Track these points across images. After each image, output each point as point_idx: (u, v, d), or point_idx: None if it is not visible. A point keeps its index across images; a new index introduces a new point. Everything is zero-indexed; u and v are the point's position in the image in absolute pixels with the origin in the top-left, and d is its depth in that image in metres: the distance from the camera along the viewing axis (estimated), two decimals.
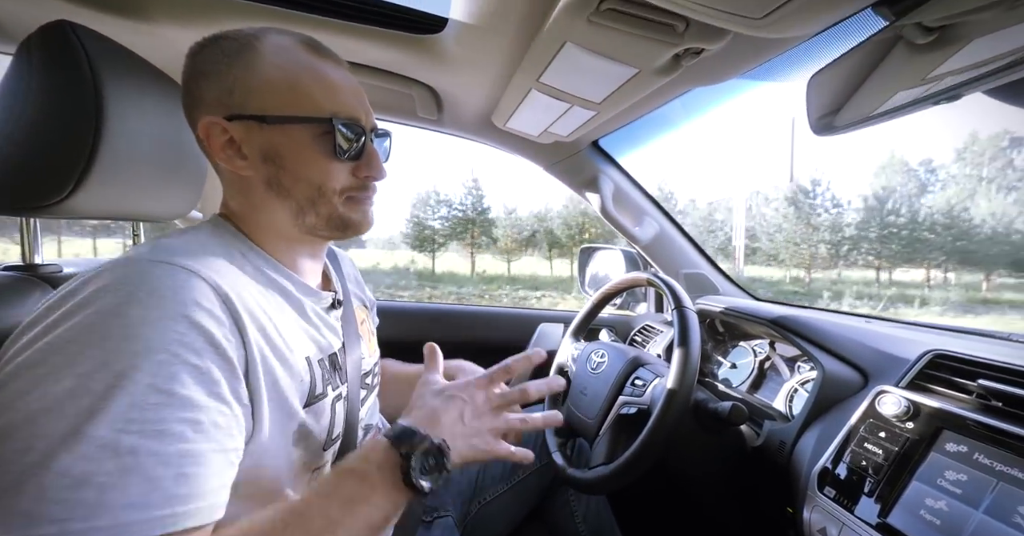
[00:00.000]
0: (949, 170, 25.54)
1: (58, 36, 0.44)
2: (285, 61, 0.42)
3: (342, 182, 0.45)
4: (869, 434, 0.50)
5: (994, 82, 0.36)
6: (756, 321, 0.85)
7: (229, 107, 0.41)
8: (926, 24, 0.41)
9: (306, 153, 0.42)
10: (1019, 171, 24.20)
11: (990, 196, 22.28)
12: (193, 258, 0.37)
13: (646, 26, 0.48)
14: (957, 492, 0.40)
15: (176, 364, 0.32)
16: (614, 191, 1.14)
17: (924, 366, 0.54)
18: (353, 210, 0.47)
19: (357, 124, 0.44)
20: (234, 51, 0.42)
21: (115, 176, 0.48)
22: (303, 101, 0.42)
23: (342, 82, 0.44)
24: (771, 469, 0.64)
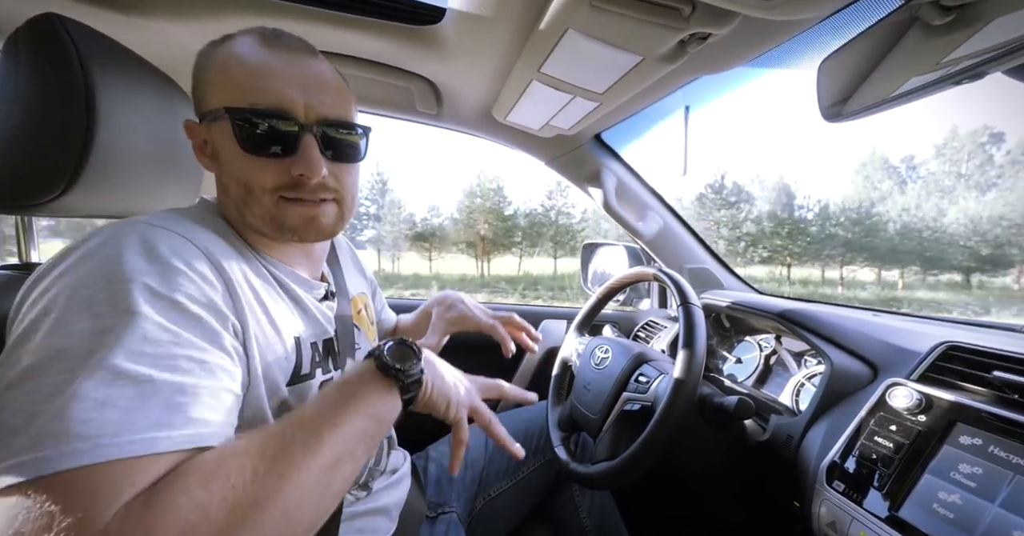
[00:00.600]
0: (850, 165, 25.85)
1: (46, 30, 0.43)
2: (231, 56, 0.41)
3: (272, 180, 0.41)
4: (879, 427, 0.49)
5: (1017, 60, 0.35)
6: (762, 315, 0.84)
7: (198, 107, 0.44)
8: (944, 3, 0.39)
9: (229, 148, 0.41)
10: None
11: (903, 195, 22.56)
12: (187, 230, 0.39)
13: (651, 10, 0.46)
14: (971, 486, 0.39)
15: (179, 310, 0.34)
16: (617, 185, 1.12)
17: (937, 358, 0.52)
18: (288, 214, 0.43)
19: (283, 115, 0.40)
20: (206, 53, 0.43)
21: (109, 173, 0.48)
22: (227, 93, 0.40)
23: (277, 69, 0.40)
24: (778, 463, 0.63)
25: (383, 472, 0.61)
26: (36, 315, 0.32)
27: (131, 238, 0.35)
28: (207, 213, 0.45)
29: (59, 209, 0.47)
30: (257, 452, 0.32)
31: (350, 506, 0.53)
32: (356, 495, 0.55)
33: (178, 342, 0.33)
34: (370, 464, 0.58)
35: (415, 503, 0.67)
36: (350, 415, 0.36)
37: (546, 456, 0.85)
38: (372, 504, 0.57)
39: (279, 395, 0.42)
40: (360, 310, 0.63)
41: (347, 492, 0.53)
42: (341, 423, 0.36)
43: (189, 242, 0.38)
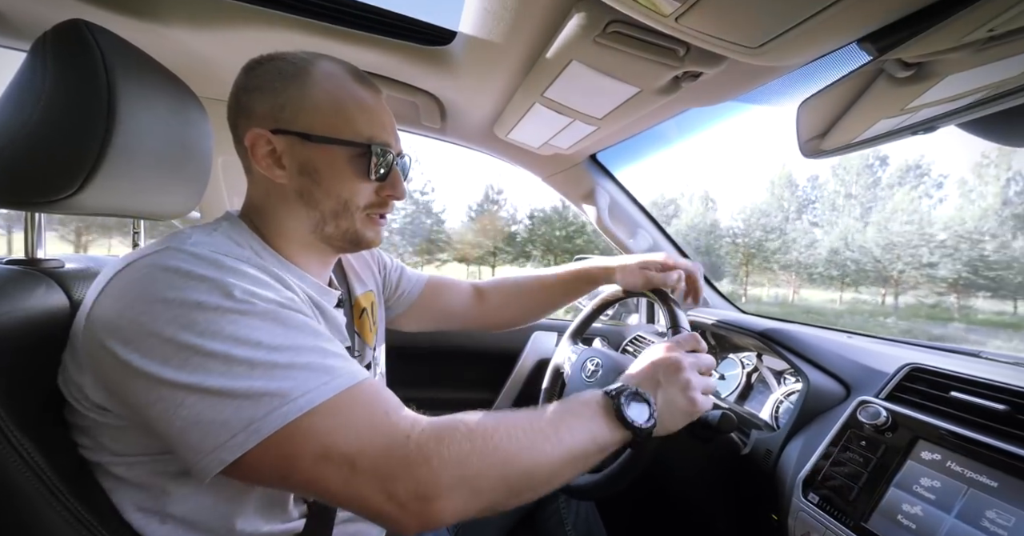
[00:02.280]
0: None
1: (73, 34, 0.44)
2: (334, 87, 0.46)
3: (367, 199, 0.49)
4: (850, 443, 0.53)
5: (967, 117, 0.40)
6: (745, 334, 0.88)
7: (277, 122, 0.45)
8: (905, 59, 0.45)
9: (341, 171, 0.47)
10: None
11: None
12: (224, 254, 0.41)
13: (649, 49, 0.50)
14: (931, 498, 0.43)
15: (288, 311, 0.39)
16: (610, 204, 1.17)
17: (902, 379, 0.56)
18: (369, 227, 0.50)
19: (389, 149, 0.48)
20: (290, 72, 0.45)
21: (123, 174, 0.48)
22: (345, 125, 0.46)
23: (380, 110, 0.49)
24: (757, 477, 0.66)
25: None
26: (159, 326, 0.35)
27: (190, 263, 0.38)
28: (233, 231, 0.47)
29: (71, 207, 0.47)
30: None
31: (344, 511, 0.54)
32: None
33: (306, 324, 0.39)
34: None
35: None
36: (581, 435, 0.43)
37: None
38: None
39: None
40: (363, 311, 0.64)
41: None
42: (572, 440, 0.42)
43: (242, 262, 0.41)
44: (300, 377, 0.35)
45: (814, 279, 25.51)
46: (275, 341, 0.36)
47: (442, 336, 1.23)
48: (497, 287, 0.83)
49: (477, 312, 0.81)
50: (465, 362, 1.25)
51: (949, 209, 26.27)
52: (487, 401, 1.25)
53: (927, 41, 0.37)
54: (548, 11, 0.52)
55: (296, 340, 0.37)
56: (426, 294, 0.77)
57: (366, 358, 0.62)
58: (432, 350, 1.21)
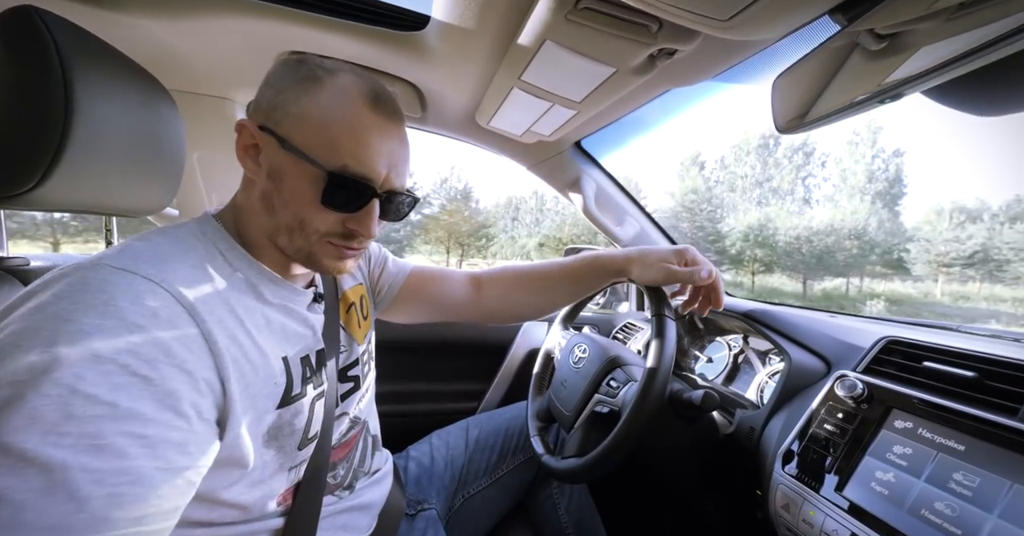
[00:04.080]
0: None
1: (23, 22, 0.42)
2: (335, 104, 0.42)
3: (327, 226, 0.44)
4: (828, 416, 0.53)
5: (932, 81, 0.40)
6: (730, 315, 0.89)
7: (267, 119, 0.43)
8: (878, 31, 0.44)
9: (302, 189, 0.43)
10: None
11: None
12: (159, 266, 0.37)
13: (622, 26, 0.50)
14: (903, 465, 0.44)
15: (124, 375, 0.30)
16: (596, 191, 1.16)
17: (879, 352, 0.57)
18: (327, 254, 0.46)
19: (365, 183, 0.43)
20: (301, 76, 0.43)
21: (86, 167, 0.47)
22: (323, 145, 0.42)
23: (376, 141, 0.43)
24: (742, 454, 0.67)
25: (366, 473, 0.61)
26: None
27: (87, 289, 0.33)
28: (197, 233, 0.44)
29: (33, 202, 0.46)
30: None
31: (332, 504, 0.53)
32: (339, 495, 0.55)
33: (113, 415, 0.29)
34: (354, 465, 0.59)
35: (395, 501, 0.68)
36: None
37: (526, 455, 0.86)
38: (353, 501, 0.57)
39: (267, 420, 0.42)
40: (351, 306, 0.63)
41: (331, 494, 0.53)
42: None
43: (157, 286, 0.35)
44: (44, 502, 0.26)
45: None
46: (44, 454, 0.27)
47: (433, 328, 1.24)
48: (496, 277, 0.78)
49: (472, 303, 0.77)
50: (456, 354, 1.25)
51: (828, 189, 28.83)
52: (479, 392, 1.25)
53: (894, 8, 0.37)
54: None
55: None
56: (409, 285, 0.73)
57: (354, 354, 0.61)
58: (423, 342, 1.21)
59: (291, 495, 0.48)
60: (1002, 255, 27.52)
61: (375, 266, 0.72)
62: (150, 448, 0.30)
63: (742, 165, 32.06)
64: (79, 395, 0.29)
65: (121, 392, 0.30)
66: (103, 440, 0.29)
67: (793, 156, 30.57)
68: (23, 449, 0.26)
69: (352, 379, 0.61)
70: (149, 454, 0.30)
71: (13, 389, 0.28)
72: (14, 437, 0.26)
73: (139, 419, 0.30)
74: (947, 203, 29.89)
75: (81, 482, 0.27)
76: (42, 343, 0.29)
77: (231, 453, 0.39)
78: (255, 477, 0.43)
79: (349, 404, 0.59)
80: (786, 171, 30.35)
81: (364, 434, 0.63)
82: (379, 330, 0.86)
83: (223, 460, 0.38)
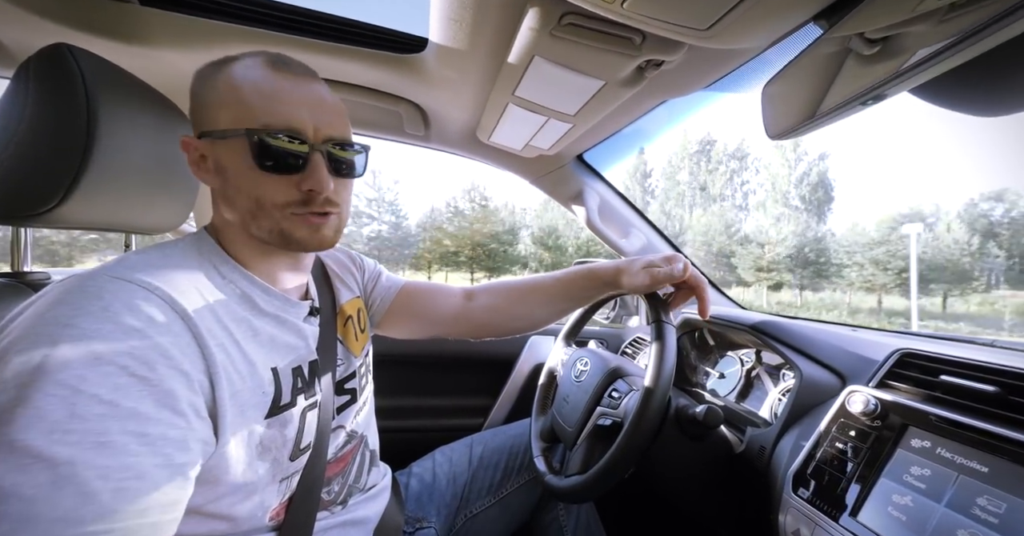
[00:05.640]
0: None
1: (55, 57, 0.46)
2: (239, 78, 0.42)
3: (284, 196, 0.43)
4: (840, 434, 0.50)
5: (914, 80, 0.39)
6: (738, 327, 0.86)
7: (199, 125, 0.45)
8: (868, 36, 0.44)
9: (241, 166, 0.42)
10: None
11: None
12: (153, 275, 0.38)
13: (606, 39, 0.51)
14: (921, 487, 0.40)
15: (124, 375, 0.32)
16: (600, 204, 1.16)
17: (893, 365, 0.54)
18: (297, 226, 0.45)
19: (295, 135, 0.42)
20: (208, 73, 0.44)
21: (104, 187, 0.50)
22: (239, 115, 0.42)
23: (287, 91, 0.43)
24: (752, 475, 0.63)
25: (361, 489, 0.60)
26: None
27: (85, 295, 0.34)
28: (192, 247, 0.46)
29: (54, 220, 0.49)
30: None
31: (324, 519, 0.53)
32: (332, 510, 0.54)
33: (115, 414, 0.30)
34: (350, 481, 0.58)
35: (392, 517, 0.66)
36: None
37: (530, 474, 0.84)
38: (346, 516, 0.56)
39: (257, 430, 0.42)
40: (348, 319, 0.63)
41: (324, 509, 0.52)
42: None
43: (151, 294, 0.36)
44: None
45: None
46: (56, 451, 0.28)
47: (439, 343, 1.23)
48: (487, 290, 0.78)
49: (463, 316, 0.75)
50: (462, 368, 1.24)
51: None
52: (485, 408, 1.23)
53: (874, 12, 0.37)
54: (504, 10, 0.53)
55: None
56: (400, 300, 0.73)
57: (351, 367, 0.61)
58: (429, 357, 1.21)
59: (284, 510, 0.47)
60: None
61: (369, 280, 0.73)
62: (150, 446, 0.32)
63: (681, 171, 32.73)
64: (82, 395, 0.30)
65: (121, 392, 0.31)
66: (106, 438, 0.30)
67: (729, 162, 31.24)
68: (30, 446, 0.27)
69: (349, 391, 0.60)
70: (149, 451, 0.31)
71: (18, 390, 0.29)
72: (21, 435, 0.28)
73: (139, 418, 0.31)
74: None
75: (88, 477, 0.28)
76: (45, 346, 0.30)
77: (222, 462, 0.39)
78: (247, 489, 0.42)
79: (346, 417, 0.59)
80: (720, 175, 30.85)
81: (362, 449, 0.62)
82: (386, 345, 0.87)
83: (214, 470, 0.39)
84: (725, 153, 32.75)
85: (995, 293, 26.56)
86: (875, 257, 24.65)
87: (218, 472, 0.39)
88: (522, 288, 0.76)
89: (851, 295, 26.27)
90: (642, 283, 0.66)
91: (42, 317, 0.33)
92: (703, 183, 31.97)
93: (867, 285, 25.25)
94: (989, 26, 0.30)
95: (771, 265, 26.51)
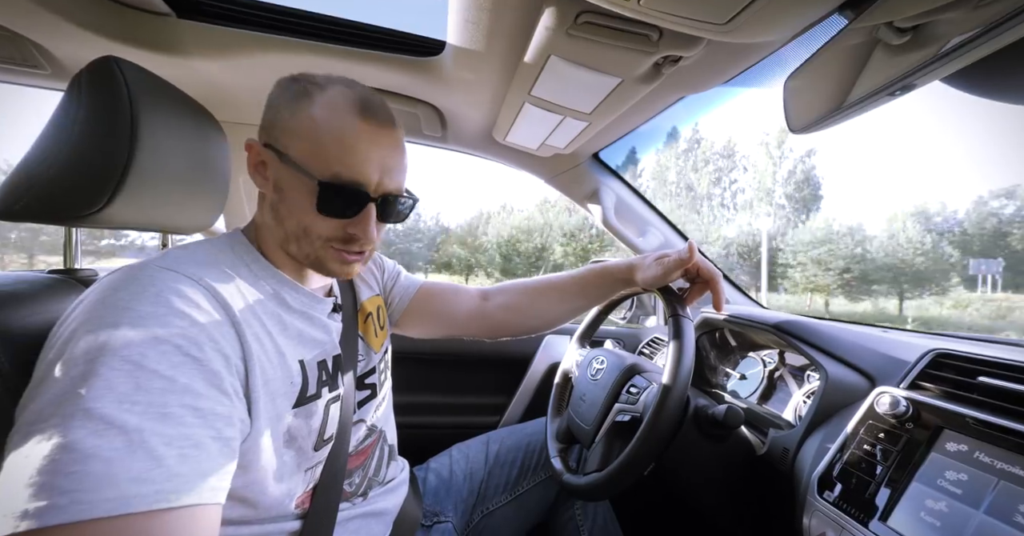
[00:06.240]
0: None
1: (104, 69, 0.50)
2: (325, 116, 0.44)
3: (329, 232, 0.47)
4: (869, 436, 0.48)
5: (945, 71, 0.37)
6: (760, 327, 0.84)
7: (268, 136, 0.47)
8: (898, 25, 0.42)
9: (301, 198, 0.46)
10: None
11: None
12: (196, 268, 0.41)
13: (622, 36, 0.51)
14: (957, 492, 0.38)
15: (179, 354, 0.35)
16: (616, 202, 1.15)
17: (926, 366, 0.52)
18: (332, 259, 0.48)
19: (358, 189, 0.45)
20: (294, 93, 0.46)
21: (145, 190, 0.53)
22: (315, 155, 0.44)
23: (364, 146, 0.45)
24: (775, 477, 0.62)
25: (380, 482, 0.62)
26: (52, 355, 0.34)
27: (139, 283, 0.37)
28: (227, 246, 0.49)
29: (101, 221, 0.52)
30: None
31: (346, 510, 0.54)
32: (353, 502, 0.56)
33: (172, 389, 0.33)
34: (370, 474, 0.60)
35: (410, 510, 0.67)
36: None
37: (547, 472, 0.84)
38: (366, 508, 0.58)
39: (285, 419, 0.45)
40: (369, 316, 0.65)
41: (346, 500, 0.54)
42: None
43: (196, 283, 0.39)
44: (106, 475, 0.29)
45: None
46: (126, 418, 0.31)
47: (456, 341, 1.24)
48: (501, 290, 0.79)
49: (479, 315, 0.77)
50: (478, 367, 1.25)
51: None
52: (501, 406, 1.24)
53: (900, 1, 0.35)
54: (520, 11, 0.53)
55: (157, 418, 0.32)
56: (418, 300, 0.75)
57: (372, 362, 0.63)
58: (445, 355, 1.22)
59: (308, 499, 0.49)
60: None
61: (388, 279, 0.75)
62: (203, 419, 0.34)
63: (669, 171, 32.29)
64: (144, 370, 0.33)
65: (178, 369, 0.34)
66: (167, 409, 0.32)
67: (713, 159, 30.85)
68: (104, 413, 0.30)
69: (369, 387, 0.62)
70: (203, 424, 0.34)
71: (88, 366, 0.32)
72: (95, 404, 0.30)
73: (193, 393, 0.34)
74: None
75: (155, 443, 0.31)
76: (108, 327, 0.33)
77: (253, 447, 0.41)
78: (275, 476, 0.44)
79: (366, 411, 0.60)
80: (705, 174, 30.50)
81: (381, 443, 0.64)
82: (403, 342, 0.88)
83: (247, 455, 0.41)
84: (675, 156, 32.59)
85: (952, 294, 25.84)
86: (817, 257, 24.43)
87: (250, 457, 0.41)
88: (538, 287, 0.77)
89: (799, 296, 25.90)
90: (654, 275, 0.67)
91: (103, 302, 0.36)
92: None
93: (811, 286, 25.15)
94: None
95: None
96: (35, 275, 0.53)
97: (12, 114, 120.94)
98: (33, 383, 0.34)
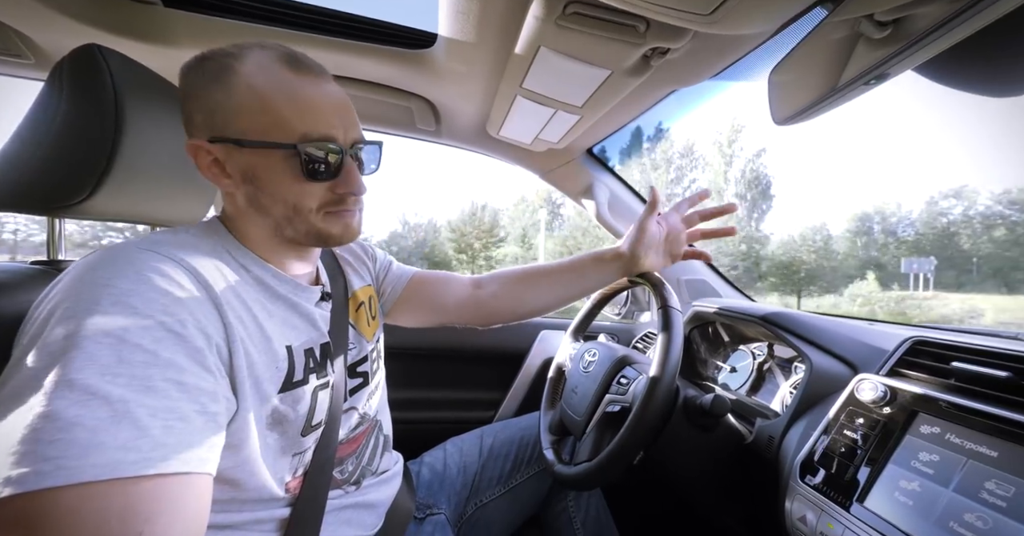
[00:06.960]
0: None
1: (86, 57, 0.49)
2: (261, 82, 0.42)
3: (319, 199, 0.45)
4: (849, 421, 0.49)
5: (918, 59, 0.38)
6: (748, 319, 0.85)
7: (212, 129, 0.43)
8: (877, 18, 0.43)
9: (280, 175, 0.43)
10: None
11: None
12: (178, 250, 0.40)
13: (610, 27, 0.51)
14: (929, 472, 0.39)
15: (161, 330, 0.34)
16: (609, 198, 1.16)
17: (904, 353, 0.53)
18: (333, 224, 0.47)
19: (331, 143, 0.44)
20: (214, 73, 0.43)
21: (131, 181, 0.52)
22: (274, 124, 0.42)
23: (317, 99, 0.43)
24: (762, 465, 0.63)
25: (374, 472, 0.62)
26: (31, 333, 0.34)
27: (118, 262, 0.37)
28: (206, 232, 0.47)
29: (84, 211, 0.52)
30: None
31: (337, 498, 0.54)
32: (345, 490, 0.57)
33: (156, 362, 0.33)
34: (363, 463, 0.60)
35: (403, 503, 0.68)
36: None
37: (540, 465, 0.84)
38: (359, 498, 0.58)
39: (270, 403, 0.44)
40: (360, 305, 0.65)
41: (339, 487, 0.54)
42: None
43: (177, 264, 0.39)
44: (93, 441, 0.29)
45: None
46: (113, 389, 0.30)
47: (451, 336, 1.25)
48: (494, 278, 0.79)
49: (472, 303, 0.77)
50: (473, 362, 1.26)
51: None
52: (496, 401, 1.25)
53: None
54: (510, 1, 0.54)
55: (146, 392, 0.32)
56: (411, 289, 0.75)
57: (363, 351, 0.63)
58: (441, 350, 1.23)
59: (300, 485, 0.50)
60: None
61: (380, 269, 0.74)
62: (187, 393, 0.34)
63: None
64: (127, 343, 0.32)
65: (160, 344, 0.34)
66: (151, 382, 0.32)
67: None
68: (87, 384, 0.30)
69: (361, 375, 0.62)
70: (187, 398, 0.34)
71: (69, 340, 0.31)
72: (77, 374, 0.30)
73: (176, 367, 0.34)
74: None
75: (140, 414, 0.31)
76: (88, 302, 0.33)
77: (239, 429, 0.41)
78: (261, 459, 0.44)
79: (358, 399, 0.61)
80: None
81: (376, 432, 0.64)
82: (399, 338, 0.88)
83: (231, 436, 0.40)
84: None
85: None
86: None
87: (239, 437, 0.41)
88: (532, 272, 0.78)
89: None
90: (634, 240, 0.73)
91: (81, 280, 0.35)
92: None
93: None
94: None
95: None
96: (17, 265, 0.53)
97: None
98: (11, 363, 0.33)
